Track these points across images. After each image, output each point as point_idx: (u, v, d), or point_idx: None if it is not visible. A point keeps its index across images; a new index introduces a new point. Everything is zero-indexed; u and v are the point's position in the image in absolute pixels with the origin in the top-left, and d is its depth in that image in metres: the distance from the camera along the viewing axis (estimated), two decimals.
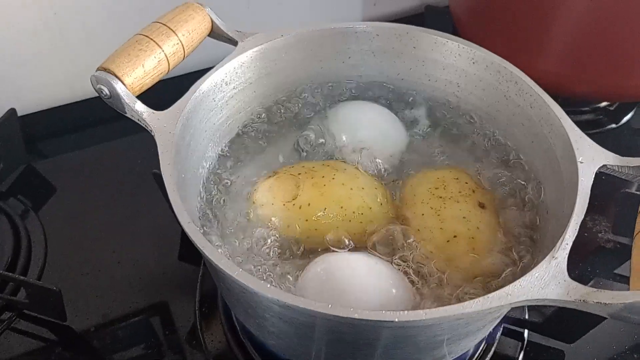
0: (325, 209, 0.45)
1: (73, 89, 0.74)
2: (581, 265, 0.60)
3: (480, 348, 0.53)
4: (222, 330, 0.53)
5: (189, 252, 0.60)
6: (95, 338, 0.54)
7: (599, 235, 0.62)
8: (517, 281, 0.34)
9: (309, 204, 0.45)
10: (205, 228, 0.46)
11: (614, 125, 0.73)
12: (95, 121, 0.75)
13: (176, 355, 0.53)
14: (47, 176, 0.69)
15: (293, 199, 0.45)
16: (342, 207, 0.45)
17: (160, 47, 0.45)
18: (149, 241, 0.61)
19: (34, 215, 0.63)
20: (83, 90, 0.74)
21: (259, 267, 0.44)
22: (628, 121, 0.74)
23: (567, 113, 0.45)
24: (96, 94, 0.72)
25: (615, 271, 0.61)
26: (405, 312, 0.32)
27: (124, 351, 0.53)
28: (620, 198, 0.61)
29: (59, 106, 0.75)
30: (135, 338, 0.54)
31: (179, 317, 0.55)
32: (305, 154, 0.52)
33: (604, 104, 0.75)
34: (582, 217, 0.38)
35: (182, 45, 0.46)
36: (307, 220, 0.45)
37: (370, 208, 0.46)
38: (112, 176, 0.68)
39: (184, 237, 0.62)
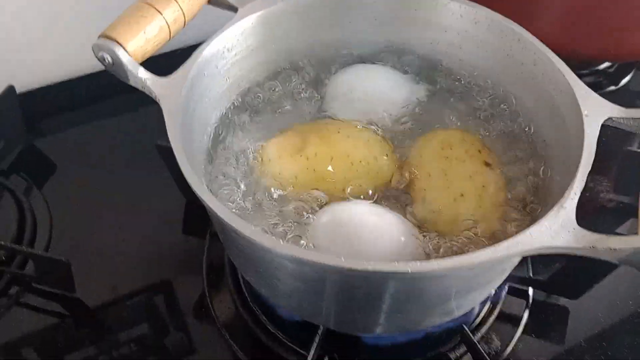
0: (332, 158, 0.46)
1: (69, 66, 0.73)
2: (582, 225, 0.60)
3: (486, 307, 0.54)
4: (231, 298, 0.54)
5: (194, 226, 0.61)
6: (105, 310, 0.54)
7: (601, 195, 0.63)
8: (527, 230, 0.34)
9: (315, 154, 0.46)
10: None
11: (613, 88, 0.73)
12: (92, 98, 0.74)
13: (186, 327, 0.53)
14: (48, 154, 0.68)
15: (300, 151, 0.47)
16: (348, 156, 0.47)
17: (160, 13, 0.44)
18: (153, 216, 0.62)
19: (37, 192, 0.63)
20: (79, 67, 0.73)
21: (269, 226, 0.44)
22: (627, 83, 0.74)
23: None
24: (93, 70, 0.73)
25: (617, 230, 0.61)
26: (418, 262, 0.33)
27: (133, 324, 0.53)
28: (621, 157, 0.62)
29: (56, 84, 0.74)
30: (144, 311, 0.54)
31: (187, 290, 0.56)
32: (308, 119, 0.52)
33: (603, 66, 0.75)
34: (589, 168, 0.38)
35: (183, 11, 0.46)
36: (315, 170, 0.46)
37: (376, 158, 0.47)
38: (114, 153, 0.68)
39: (188, 210, 0.63)
